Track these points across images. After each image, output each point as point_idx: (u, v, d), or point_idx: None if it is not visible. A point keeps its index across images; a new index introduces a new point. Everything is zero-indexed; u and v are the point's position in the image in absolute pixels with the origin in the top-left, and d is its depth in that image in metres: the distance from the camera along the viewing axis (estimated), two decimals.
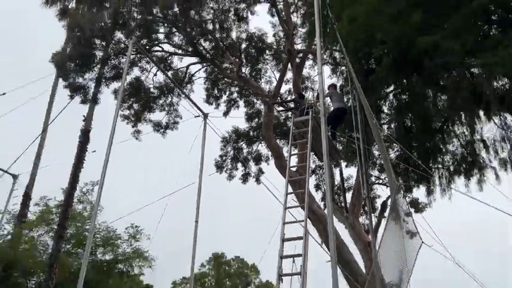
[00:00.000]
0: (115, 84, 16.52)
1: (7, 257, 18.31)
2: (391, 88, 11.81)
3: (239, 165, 19.44)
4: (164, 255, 42.98)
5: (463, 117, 11.55)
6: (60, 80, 17.12)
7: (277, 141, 17.18)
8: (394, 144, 13.80)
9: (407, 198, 15.04)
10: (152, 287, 46.76)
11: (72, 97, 15.24)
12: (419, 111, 11.20)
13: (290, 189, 8.31)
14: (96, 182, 22.21)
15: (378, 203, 17.37)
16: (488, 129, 11.95)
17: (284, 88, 18.59)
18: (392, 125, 14.46)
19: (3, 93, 15.30)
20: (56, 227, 18.76)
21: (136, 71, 16.94)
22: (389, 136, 12.01)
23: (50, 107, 22.33)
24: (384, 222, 15.59)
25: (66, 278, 19.35)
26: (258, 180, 19.67)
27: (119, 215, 21.40)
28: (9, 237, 19.96)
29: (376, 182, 16.80)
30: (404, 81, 10.54)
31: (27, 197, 20.47)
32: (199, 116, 12.71)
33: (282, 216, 6.44)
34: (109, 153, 8.71)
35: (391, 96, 12.15)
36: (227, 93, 19.32)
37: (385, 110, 13.40)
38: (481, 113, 11.04)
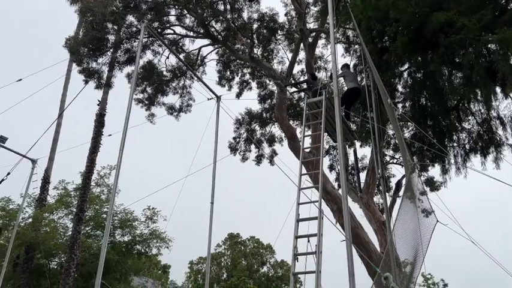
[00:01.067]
0: (128, 68, 16.62)
1: (29, 239, 18.89)
2: (406, 66, 11.64)
3: (252, 147, 19.51)
4: (181, 236, 43.78)
5: (479, 95, 11.36)
6: (75, 65, 17.27)
7: (291, 122, 17.15)
8: (409, 123, 13.67)
9: (422, 177, 14.96)
10: (170, 266, 47.85)
11: (86, 82, 15.39)
12: (435, 89, 11.04)
13: (304, 171, 8.34)
14: (113, 166, 22.60)
15: (393, 182, 17.32)
16: (505, 106, 11.76)
17: (297, 68, 18.46)
18: (407, 104, 14.29)
19: (19, 79, 15.50)
20: (75, 210, 19.21)
21: (148, 55, 16.99)
22: (403, 115, 11.89)
23: (65, 92, 22.64)
24: (398, 201, 15.60)
25: (86, 259, 19.91)
26: (271, 162, 19.76)
27: (136, 198, 21.80)
28: (30, 220, 20.53)
29: (391, 161, 16.73)
30: (419, 59, 10.36)
31: (46, 181, 20.95)
32: (212, 99, 12.73)
33: (296, 197, 6.50)
34: (125, 136, 8.82)
35: (405, 74, 11.98)
36: (239, 74, 19.26)
37: (400, 89, 13.24)
38: (498, 90, 10.84)
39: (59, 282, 17.77)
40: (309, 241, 6.01)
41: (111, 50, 16.01)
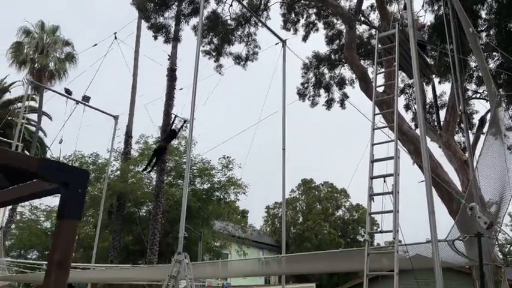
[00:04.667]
0: (194, 21, 16.67)
1: (119, 190, 20.61)
2: None
3: (322, 91, 19.05)
4: (257, 183, 45.19)
5: None
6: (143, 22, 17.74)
7: (361, 62, 16.38)
8: (494, 53, 12.46)
9: (510, 111, 13.78)
10: (248, 212, 50.01)
11: (155, 37, 15.77)
12: None
13: (378, 111, 8.01)
14: (188, 119, 23.49)
15: (476, 119, 16.16)
16: None
17: (365, 4, 17.32)
18: (491, 31, 12.95)
19: (95, 44, 16.30)
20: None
21: (212, 3, 16.86)
22: (489, 43, 10.80)
23: (138, 50, 23.47)
24: (482, 138, 14.59)
25: (171, 206, 21.40)
26: (342, 105, 19.26)
27: (212, 147, 22.64)
28: (118, 172, 22.28)
29: (473, 96, 15.53)
30: None
31: (128, 135, 22.38)
32: (278, 44, 12.48)
33: (370, 137, 6.29)
34: (195, 88, 9.01)
35: None
36: (304, 16, 18.50)
37: (483, 15, 11.99)
38: None
39: (148, 227, 19.41)
40: (385, 181, 5.87)
41: (176, 3, 16.12)
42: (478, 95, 15.43)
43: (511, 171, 7.10)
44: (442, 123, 14.35)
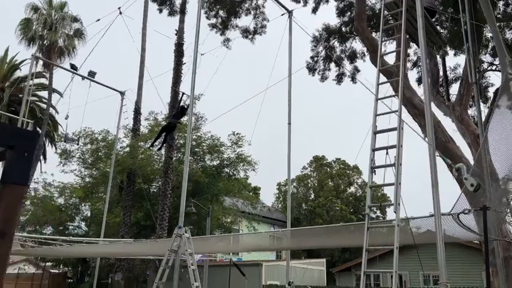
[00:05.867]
0: None
1: (128, 166, 20.69)
2: None
3: (332, 65, 18.56)
4: (270, 160, 45.09)
5: None
6: None
7: (373, 34, 15.82)
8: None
9: None
10: (260, 188, 50.14)
11: (160, 11, 15.44)
12: None
13: (385, 80, 7.68)
14: (197, 96, 23.25)
15: (491, 92, 15.58)
16: None
17: None
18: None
19: (98, 20, 16.05)
20: None
21: None
22: (506, 11, 10.25)
23: (145, 25, 23.16)
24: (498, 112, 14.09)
25: (180, 182, 21.43)
26: (353, 79, 18.80)
27: (223, 124, 22.53)
28: (127, 149, 22.33)
29: (489, 68, 14.93)
30: None
31: (137, 112, 22.31)
32: (284, 14, 12.08)
33: (373, 108, 6.02)
34: (195, 63, 8.79)
35: None
36: None
37: None
38: None
39: (158, 203, 19.52)
40: (387, 153, 5.62)
41: None
42: (494, 67, 14.83)
43: None
44: (455, 97, 13.88)
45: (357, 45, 18.25)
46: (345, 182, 42.12)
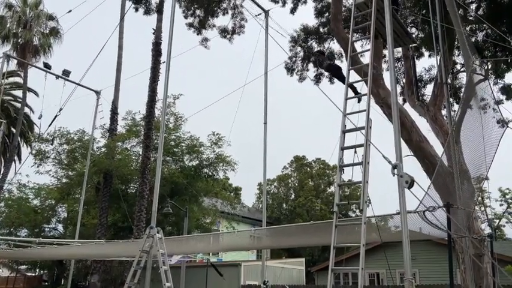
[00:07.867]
0: None
1: (105, 166, 20.38)
2: None
3: (310, 65, 18.66)
4: (251, 160, 45.13)
5: None
6: None
7: (348, 35, 15.94)
8: (484, 24, 12.11)
9: (497, 84, 13.57)
10: (241, 189, 49.98)
11: (136, 9, 15.23)
12: None
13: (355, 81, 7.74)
14: (176, 95, 23.08)
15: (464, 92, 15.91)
16: None
17: None
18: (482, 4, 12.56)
19: (69, 11, 15.73)
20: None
21: None
22: (478, 16, 10.45)
23: (122, 24, 22.85)
24: (469, 113, 14.40)
25: None
26: (331, 80, 18.92)
27: (203, 126, 22.37)
28: (104, 149, 21.99)
29: (462, 69, 15.25)
30: None
31: (114, 111, 21.99)
32: (260, 14, 12.07)
33: (342, 107, 6.06)
34: (169, 63, 8.70)
35: None
36: None
37: None
38: None
39: (135, 204, 19.27)
40: (355, 152, 5.67)
41: None
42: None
43: (489, 144, 6.91)
44: (430, 97, 14.12)
45: (335, 45, 18.36)
46: (325, 181, 42.42)
